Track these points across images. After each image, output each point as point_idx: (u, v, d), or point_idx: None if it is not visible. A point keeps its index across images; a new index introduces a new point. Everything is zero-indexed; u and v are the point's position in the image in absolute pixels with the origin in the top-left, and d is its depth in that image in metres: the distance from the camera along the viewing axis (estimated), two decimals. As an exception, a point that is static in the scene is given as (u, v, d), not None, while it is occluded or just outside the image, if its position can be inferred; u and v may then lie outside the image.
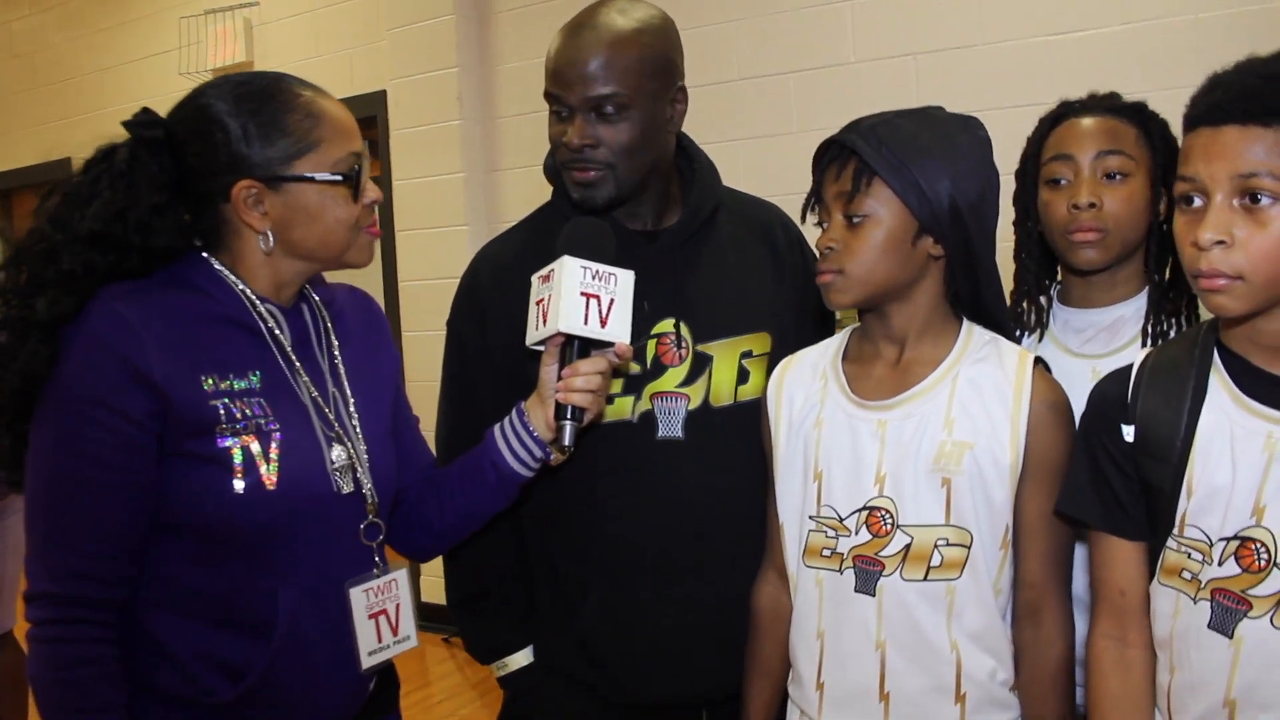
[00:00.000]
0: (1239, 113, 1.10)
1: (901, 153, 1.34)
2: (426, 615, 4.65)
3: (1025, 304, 1.68)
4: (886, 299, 1.40)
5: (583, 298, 1.40)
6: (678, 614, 1.60)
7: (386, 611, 1.44)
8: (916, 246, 1.37)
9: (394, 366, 1.61)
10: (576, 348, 1.43)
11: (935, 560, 1.35)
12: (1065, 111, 1.64)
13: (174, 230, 1.35)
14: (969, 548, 1.35)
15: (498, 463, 1.50)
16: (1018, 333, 1.63)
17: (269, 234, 1.35)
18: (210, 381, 1.29)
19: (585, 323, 1.40)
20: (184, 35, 5.13)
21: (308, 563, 1.35)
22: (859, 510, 1.38)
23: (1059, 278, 1.71)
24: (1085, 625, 1.37)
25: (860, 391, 1.44)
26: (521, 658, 1.72)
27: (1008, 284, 1.53)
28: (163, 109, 1.39)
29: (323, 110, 1.36)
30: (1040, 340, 1.66)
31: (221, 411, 1.29)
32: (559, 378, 1.44)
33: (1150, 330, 1.57)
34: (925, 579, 1.35)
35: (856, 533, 1.38)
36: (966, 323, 1.45)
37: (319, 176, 1.33)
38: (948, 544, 1.34)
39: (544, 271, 1.43)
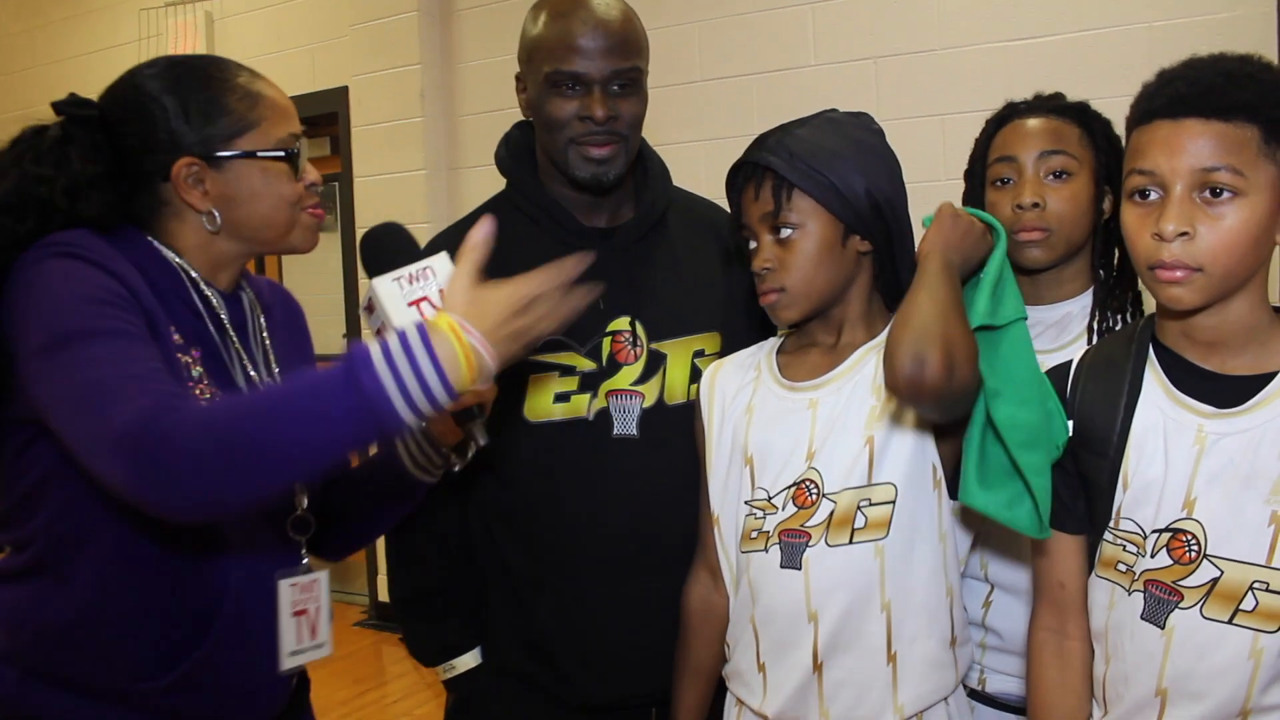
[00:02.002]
0: (1201, 106, 1.11)
1: (813, 160, 1.37)
2: (383, 614, 4.63)
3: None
4: (830, 303, 1.43)
5: (411, 308, 1.33)
6: (631, 612, 1.60)
7: (308, 612, 1.41)
8: (846, 247, 1.40)
9: (313, 361, 1.57)
10: None
11: (859, 522, 1.35)
12: (1010, 113, 1.66)
13: (105, 204, 1.29)
14: (894, 503, 1.35)
15: (399, 469, 1.47)
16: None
17: (214, 213, 1.32)
18: (178, 337, 1.27)
19: None
20: (144, 27, 5.08)
21: (239, 546, 1.32)
22: (788, 487, 1.39)
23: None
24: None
25: (792, 376, 1.46)
26: (469, 659, 1.70)
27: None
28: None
29: (260, 91, 1.35)
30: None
31: (184, 371, 1.25)
32: None
33: (1096, 327, 1.59)
34: (850, 542, 1.35)
35: (783, 509, 1.39)
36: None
37: (261, 153, 1.32)
38: (870, 504, 1.34)
39: (364, 303, 1.37)
